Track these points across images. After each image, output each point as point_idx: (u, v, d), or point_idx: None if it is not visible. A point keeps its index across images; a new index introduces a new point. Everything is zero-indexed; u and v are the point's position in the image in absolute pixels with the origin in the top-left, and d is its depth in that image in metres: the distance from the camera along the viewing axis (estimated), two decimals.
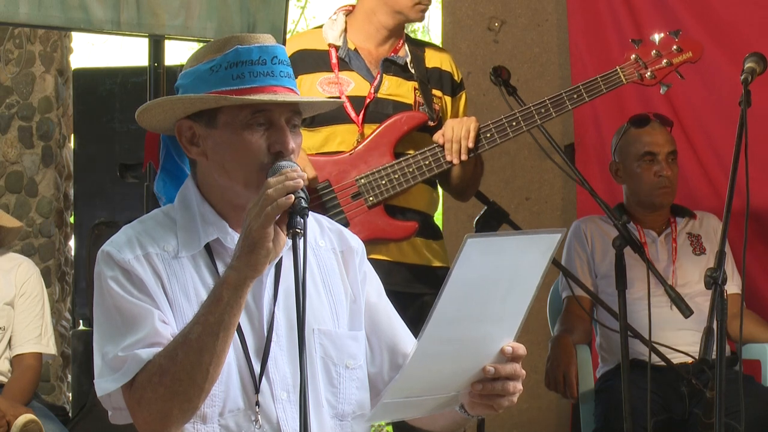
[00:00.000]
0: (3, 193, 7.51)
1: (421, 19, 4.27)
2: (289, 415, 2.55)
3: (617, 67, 4.23)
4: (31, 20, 4.74)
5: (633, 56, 4.24)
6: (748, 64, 4.01)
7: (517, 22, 5.81)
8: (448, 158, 4.16)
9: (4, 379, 5.05)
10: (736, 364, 4.30)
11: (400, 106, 4.24)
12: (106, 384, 2.50)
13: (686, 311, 4.20)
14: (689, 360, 4.51)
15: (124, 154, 6.62)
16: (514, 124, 4.19)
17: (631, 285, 4.17)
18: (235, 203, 2.59)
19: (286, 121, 2.57)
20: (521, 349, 2.49)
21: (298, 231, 2.41)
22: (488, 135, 4.19)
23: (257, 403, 2.54)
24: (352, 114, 4.21)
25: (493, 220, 4.40)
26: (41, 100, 7.51)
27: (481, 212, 4.36)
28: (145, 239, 2.57)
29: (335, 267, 2.70)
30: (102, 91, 6.80)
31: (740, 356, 4.12)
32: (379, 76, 4.25)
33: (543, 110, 4.19)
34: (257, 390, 2.54)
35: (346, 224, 4.14)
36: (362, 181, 4.19)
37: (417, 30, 14.74)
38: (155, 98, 3.09)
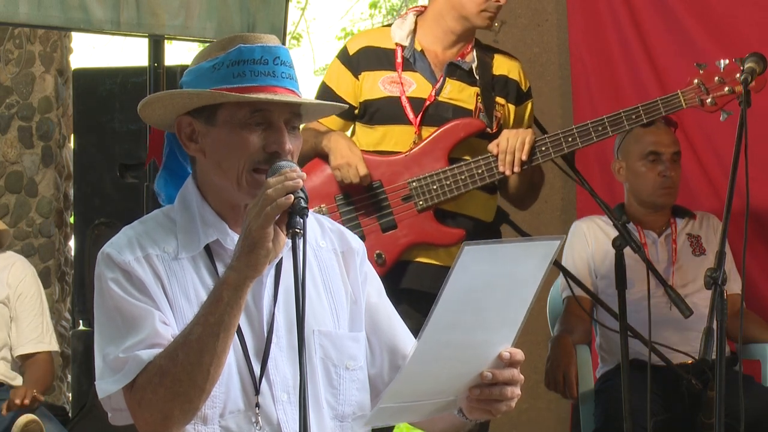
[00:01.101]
0: (3, 193, 7.51)
1: (487, 25, 4.24)
2: (289, 416, 2.54)
3: (679, 91, 4.21)
4: (31, 20, 4.74)
5: (696, 81, 4.21)
6: (748, 64, 4.01)
7: (517, 22, 5.81)
8: (501, 169, 4.15)
9: (4, 379, 5.05)
10: (736, 364, 4.30)
11: (459, 111, 4.24)
12: (106, 385, 2.50)
13: (686, 311, 4.20)
14: (689, 360, 4.51)
15: (124, 154, 6.61)
16: (570, 139, 4.19)
17: (631, 285, 4.17)
18: (231, 203, 2.59)
19: (285, 122, 2.57)
20: (519, 354, 2.48)
21: (298, 231, 2.41)
22: (543, 148, 4.18)
23: (257, 405, 2.53)
24: (411, 115, 4.21)
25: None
26: (41, 100, 7.51)
27: None
28: (146, 240, 2.57)
29: (336, 268, 2.69)
30: (102, 91, 6.79)
31: (740, 356, 4.13)
32: (442, 79, 4.24)
33: (600, 128, 4.19)
34: (257, 391, 2.53)
35: (394, 226, 4.16)
36: (414, 184, 4.19)
37: None
38: None
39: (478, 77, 4.25)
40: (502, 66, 4.33)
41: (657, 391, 4.39)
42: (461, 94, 4.25)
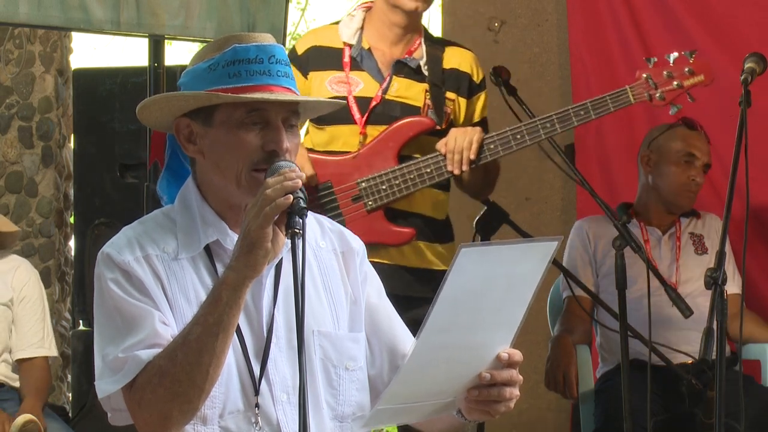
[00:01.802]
0: (3, 193, 7.50)
1: (414, 8, 4.18)
2: (288, 416, 2.54)
3: (627, 87, 4.21)
4: (31, 20, 4.74)
5: (644, 75, 4.21)
6: (748, 64, 4.01)
7: (517, 22, 5.81)
8: (449, 168, 4.16)
9: (5, 380, 5.06)
10: (736, 364, 4.30)
11: (408, 109, 4.23)
12: (106, 385, 2.50)
13: (686, 311, 4.20)
14: (689, 360, 4.51)
15: (124, 154, 6.61)
16: (518, 137, 4.19)
17: (631, 285, 4.17)
18: (231, 203, 2.59)
19: (283, 120, 2.56)
20: (517, 355, 2.48)
21: (297, 231, 2.40)
22: (491, 146, 4.18)
23: (257, 405, 2.53)
24: (356, 115, 4.20)
25: (494, 221, 4.40)
26: (41, 100, 7.51)
27: (481, 213, 4.36)
28: (145, 241, 2.57)
29: (336, 268, 2.69)
30: (102, 91, 6.79)
31: (740, 356, 4.13)
32: (389, 77, 4.23)
33: (549, 125, 4.18)
34: (257, 392, 2.53)
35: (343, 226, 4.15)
36: (363, 184, 4.19)
37: None
38: None
39: (426, 73, 4.25)
40: (453, 59, 4.31)
41: (657, 391, 4.39)
42: (409, 92, 4.24)
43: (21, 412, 4.85)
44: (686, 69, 4.22)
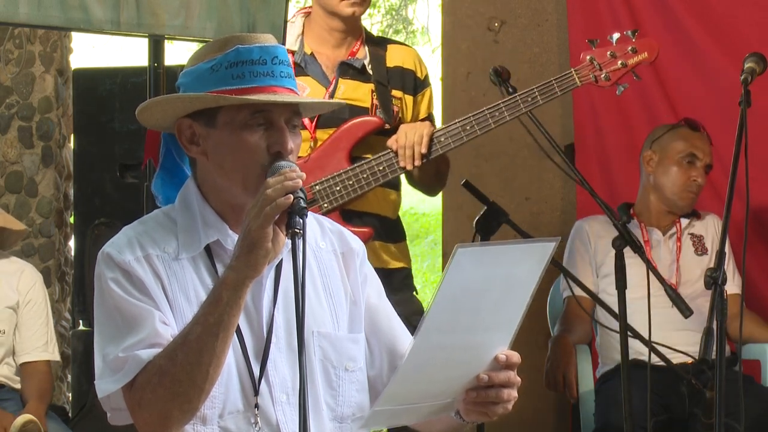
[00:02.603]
0: (3, 193, 7.50)
1: (351, 13, 4.21)
2: (288, 417, 2.54)
3: (572, 69, 4.24)
4: (31, 20, 4.73)
5: (588, 57, 4.24)
6: (748, 64, 4.02)
7: (517, 22, 5.81)
8: (402, 164, 4.18)
9: (6, 381, 5.06)
10: (736, 364, 4.30)
11: (356, 110, 4.25)
12: (106, 385, 2.50)
13: (686, 311, 4.20)
14: (689, 360, 4.51)
15: (124, 154, 6.61)
16: (468, 128, 4.20)
17: (631, 285, 4.17)
18: (233, 204, 2.59)
19: (286, 121, 2.56)
20: (515, 356, 2.48)
21: (297, 231, 2.40)
22: (442, 139, 4.20)
23: (256, 406, 2.53)
24: (305, 120, 4.19)
25: (493, 221, 4.39)
26: (41, 100, 7.50)
27: (481, 212, 4.35)
28: (146, 240, 2.57)
29: (336, 269, 2.69)
30: (102, 91, 6.78)
31: (740, 356, 4.13)
32: (334, 80, 4.25)
33: (497, 113, 4.20)
34: (256, 392, 2.54)
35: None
36: (317, 187, 4.20)
37: (417, 30, 14.72)
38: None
39: (371, 72, 4.25)
40: (395, 57, 4.34)
41: (657, 391, 4.39)
42: (356, 93, 4.26)
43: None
44: (629, 48, 4.24)
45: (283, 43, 4.44)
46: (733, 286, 4.62)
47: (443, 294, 2.30)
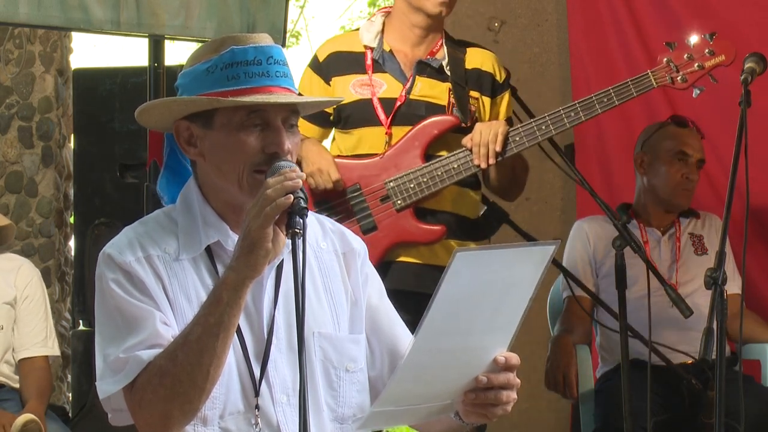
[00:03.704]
0: (3, 193, 7.50)
1: (439, 13, 4.22)
2: (288, 418, 2.54)
3: (648, 71, 4.22)
4: (31, 20, 4.74)
5: (665, 59, 4.22)
6: (748, 64, 4.02)
7: (517, 22, 5.81)
8: (476, 162, 4.16)
9: (6, 381, 5.06)
10: (736, 364, 4.30)
11: (433, 108, 4.24)
12: (107, 386, 2.50)
13: (686, 311, 4.20)
14: (689, 360, 4.51)
15: (124, 154, 6.61)
16: (543, 127, 4.19)
17: (631, 285, 4.17)
18: (232, 204, 2.59)
19: (283, 121, 2.56)
20: (515, 358, 2.48)
21: (298, 231, 2.40)
22: (517, 138, 4.19)
23: (257, 406, 2.53)
24: (381, 116, 4.21)
25: (493, 221, 4.41)
26: (41, 100, 7.51)
27: (481, 212, 4.36)
28: (146, 241, 2.56)
29: (336, 269, 2.69)
30: (102, 91, 6.79)
31: (740, 356, 4.13)
32: (411, 77, 4.24)
33: (573, 113, 4.18)
34: (257, 393, 2.53)
35: (374, 227, 4.17)
36: (391, 184, 4.20)
37: None
38: (155, 98, 3.09)
39: (449, 73, 4.25)
40: (474, 59, 4.33)
41: (657, 391, 4.39)
42: (433, 91, 4.25)
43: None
44: (707, 50, 4.22)
45: (284, 44, 4.45)
46: (733, 286, 4.62)
47: (442, 297, 2.29)
